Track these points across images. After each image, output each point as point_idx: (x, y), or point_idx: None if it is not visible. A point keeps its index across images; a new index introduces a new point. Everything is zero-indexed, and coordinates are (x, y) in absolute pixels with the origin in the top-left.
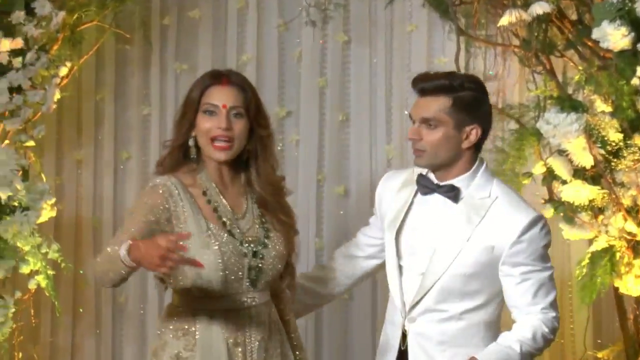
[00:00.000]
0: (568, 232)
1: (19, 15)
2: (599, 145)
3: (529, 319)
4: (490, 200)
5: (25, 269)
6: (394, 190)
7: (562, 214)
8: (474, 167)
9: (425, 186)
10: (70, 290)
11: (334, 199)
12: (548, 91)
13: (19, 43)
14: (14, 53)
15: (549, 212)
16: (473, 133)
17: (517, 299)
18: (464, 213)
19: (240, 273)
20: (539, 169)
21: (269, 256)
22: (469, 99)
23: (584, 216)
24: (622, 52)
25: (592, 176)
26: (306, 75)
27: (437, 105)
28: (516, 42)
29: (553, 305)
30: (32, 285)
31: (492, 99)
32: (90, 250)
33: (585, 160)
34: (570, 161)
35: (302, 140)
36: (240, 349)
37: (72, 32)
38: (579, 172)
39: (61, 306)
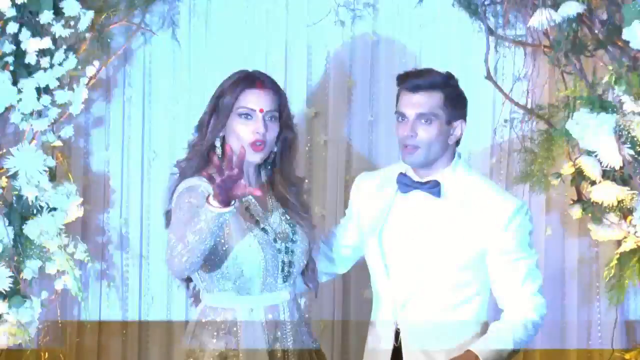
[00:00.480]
0: (596, 233)
1: (47, 15)
2: (629, 146)
3: (518, 307)
4: (472, 192)
5: (52, 269)
6: (370, 191)
7: (590, 215)
8: (453, 161)
9: (405, 184)
10: (97, 292)
11: None
12: (578, 91)
13: (46, 43)
14: (42, 53)
15: (577, 212)
16: (458, 128)
17: (505, 287)
18: (448, 207)
19: (276, 269)
20: (568, 170)
21: (298, 251)
22: (457, 94)
23: (613, 217)
24: None
25: (621, 177)
26: (335, 76)
27: (432, 100)
28: (546, 42)
29: (540, 291)
30: (59, 286)
31: (522, 100)
32: (117, 250)
33: (615, 160)
34: (600, 162)
35: (330, 141)
36: (278, 345)
37: (100, 32)
38: (608, 173)
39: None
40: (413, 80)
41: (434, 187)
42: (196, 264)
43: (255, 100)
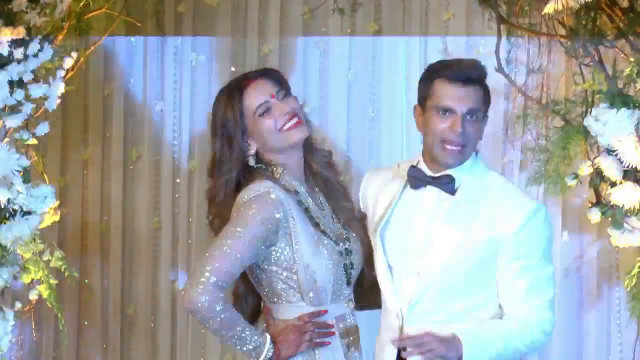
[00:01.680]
0: (617, 239)
1: (20, 2)
2: None
3: (520, 315)
4: (488, 190)
5: (26, 278)
6: (378, 187)
7: (610, 219)
8: (472, 158)
9: (417, 178)
10: (75, 302)
11: None
12: (597, 85)
13: (20, 32)
14: (15, 43)
15: (596, 216)
16: (485, 123)
17: (510, 296)
18: (461, 205)
19: (342, 274)
20: (585, 170)
21: (356, 251)
22: (488, 89)
23: (635, 221)
24: None
25: None
26: (333, 68)
27: (479, 95)
28: (562, 31)
29: (549, 305)
30: (33, 296)
31: (536, 94)
32: (97, 257)
33: (637, 160)
34: (620, 161)
35: (328, 138)
36: (350, 353)
37: (78, 21)
38: (629, 173)
39: (65, 318)
40: (461, 71)
41: (448, 183)
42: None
43: (258, 92)
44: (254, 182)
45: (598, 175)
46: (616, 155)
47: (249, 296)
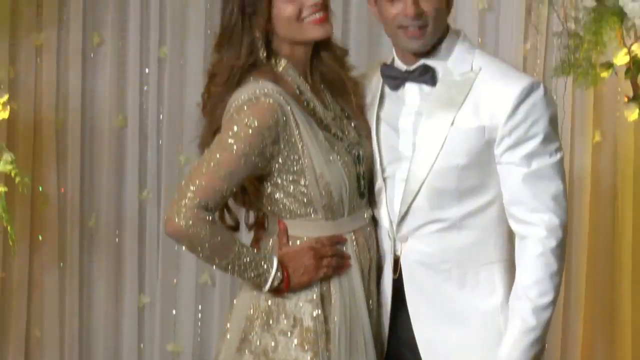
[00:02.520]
0: None
1: None
2: None
3: (529, 249)
4: (473, 73)
5: None
6: (367, 85)
7: None
8: (447, 38)
9: (393, 77)
10: (27, 212)
11: None
12: None
13: None
14: None
15: (633, 113)
16: None
17: (514, 198)
18: (444, 94)
19: (356, 183)
20: (621, 59)
21: (368, 158)
22: None
23: None
24: None
25: None
26: None
27: None
28: None
29: (558, 205)
30: None
31: None
32: (52, 160)
33: None
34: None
35: None
36: (367, 271)
37: None
38: None
39: (16, 232)
40: None
41: (424, 74)
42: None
43: None
44: (250, 82)
45: (636, 65)
46: None
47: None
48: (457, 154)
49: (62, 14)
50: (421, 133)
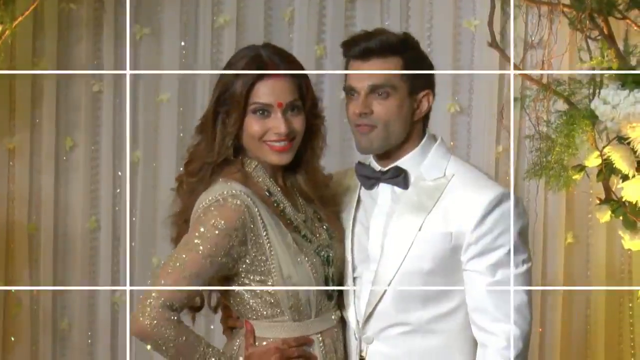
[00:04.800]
0: (629, 241)
1: None
2: None
3: (488, 359)
4: (445, 179)
5: None
6: (340, 191)
7: (622, 218)
8: (422, 143)
9: (367, 177)
10: (0, 314)
11: None
12: (606, 62)
13: None
14: None
15: (605, 215)
16: (425, 100)
17: (477, 306)
18: (414, 199)
19: (324, 285)
20: (593, 161)
21: (338, 260)
22: (419, 57)
23: None
24: None
25: None
26: (300, 42)
27: (388, 68)
28: None
29: (520, 315)
30: None
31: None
32: (25, 263)
33: None
34: (634, 151)
35: None
36: None
37: None
38: None
39: None
40: (362, 44)
41: (395, 176)
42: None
43: (270, 92)
44: (219, 182)
45: (608, 168)
46: (628, 143)
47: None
48: (423, 258)
49: (34, 117)
50: (390, 235)
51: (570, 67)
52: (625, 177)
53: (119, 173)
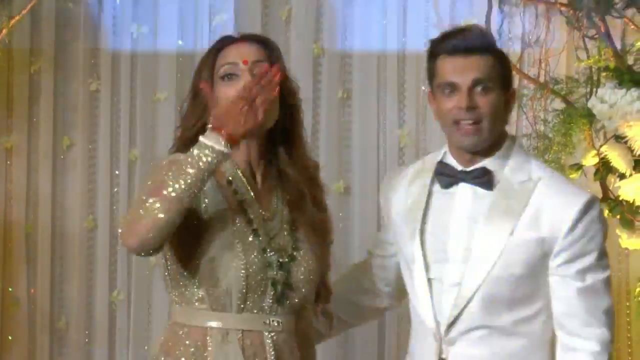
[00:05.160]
0: (626, 240)
1: None
2: None
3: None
4: (531, 183)
5: None
6: (403, 187)
7: (619, 217)
8: (506, 144)
9: (448, 175)
10: None
11: (331, 198)
12: (603, 61)
13: None
14: None
15: None
16: (511, 99)
17: (567, 311)
18: (502, 202)
19: (262, 286)
20: (590, 160)
21: (298, 272)
22: (505, 56)
23: None
24: None
25: None
26: (297, 41)
27: (487, 62)
28: None
29: (609, 320)
30: None
31: (533, 71)
32: (22, 263)
33: None
34: (631, 150)
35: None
36: None
37: None
38: None
39: None
40: (461, 40)
41: (481, 177)
42: (171, 225)
43: (235, 53)
44: None
45: (605, 166)
46: (626, 142)
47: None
48: (515, 264)
49: (32, 116)
50: (478, 239)
51: (567, 65)
52: (622, 176)
53: (116, 172)
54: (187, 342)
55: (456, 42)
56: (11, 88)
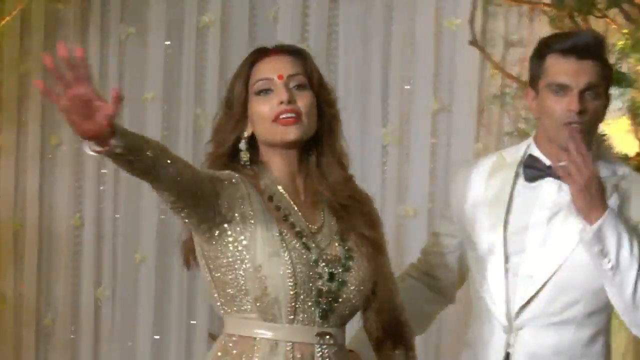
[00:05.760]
0: None
1: None
2: None
3: None
4: (617, 178)
5: None
6: (480, 180)
7: None
8: (595, 144)
9: (536, 169)
10: None
11: None
12: None
13: None
14: None
15: None
16: (606, 104)
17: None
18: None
19: (311, 298)
20: None
21: (351, 283)
22: (610, 64)
23: None
24: None
25: (637, 166)
26: (284, 41)
27: (597, 69)
28: None
29: None
30: None
31: (515, 70)
32: (10, 260)
33: (629, 145)
34: (611, 147)
35: None
36: None
37: None
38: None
39: None
40: (577, 42)
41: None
42: None
43: (270, 68)
44: None
45: None
46: (606, 140)
47: None
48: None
49: (20, 115)
50: (556, 227)
51: None
52: None
53: (103, 171)
54: (234, 351)
55: (572, 43)
56: (0, 88)
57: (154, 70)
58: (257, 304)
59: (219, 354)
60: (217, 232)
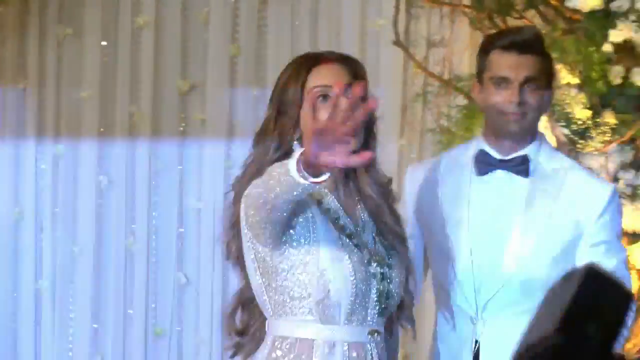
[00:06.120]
0: None
1: None
2: (563, 124)
3: None
4: (563, 170)
5: None
6: (435, 178)
7: None
8: (538, 135)
9: (486, 163)
10: None
11: None
12: None
13: None
14: None
15: None
16: (549, 96)
17: None
18: (540, 186)
19: (367, 298)
20: None
21: (396, 280)
22: (551, 58)
23: None
24: (592, 13)
25: None
26: (214, 42)
27: (537, 63)
28: (466, 0)
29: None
30: None
31: (437, 69)
32: None
33: None
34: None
35: (208, 120)
36: None
37: None
38: None
39: None
40: (517, 39)
41: (521, 165)
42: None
43: (330, 75)
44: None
45: None
46: None
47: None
48: (554, 245)
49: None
50: (518, 222)
51: (470, 64)
52: None
53: (42, 166)
54: (291, 355)
55: (512, 38)
56: None
57: (90, 69)
58: (319, 307)
59: (273, 354)
60: (284, 238)
